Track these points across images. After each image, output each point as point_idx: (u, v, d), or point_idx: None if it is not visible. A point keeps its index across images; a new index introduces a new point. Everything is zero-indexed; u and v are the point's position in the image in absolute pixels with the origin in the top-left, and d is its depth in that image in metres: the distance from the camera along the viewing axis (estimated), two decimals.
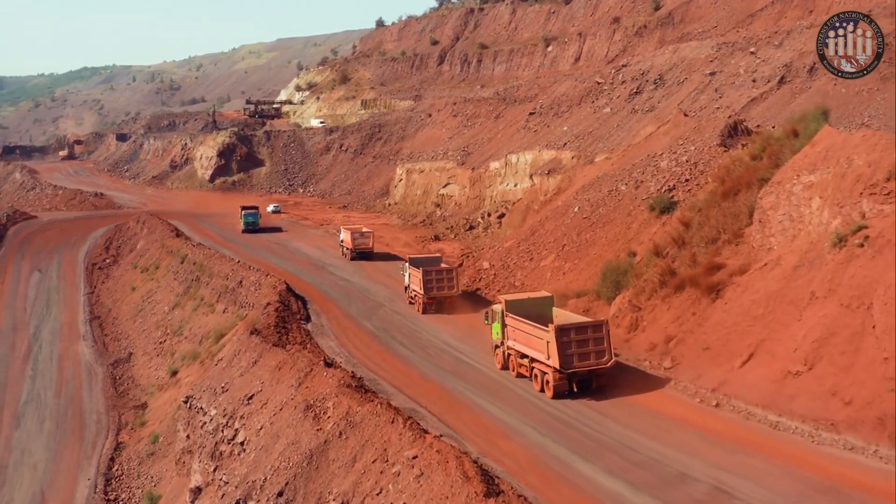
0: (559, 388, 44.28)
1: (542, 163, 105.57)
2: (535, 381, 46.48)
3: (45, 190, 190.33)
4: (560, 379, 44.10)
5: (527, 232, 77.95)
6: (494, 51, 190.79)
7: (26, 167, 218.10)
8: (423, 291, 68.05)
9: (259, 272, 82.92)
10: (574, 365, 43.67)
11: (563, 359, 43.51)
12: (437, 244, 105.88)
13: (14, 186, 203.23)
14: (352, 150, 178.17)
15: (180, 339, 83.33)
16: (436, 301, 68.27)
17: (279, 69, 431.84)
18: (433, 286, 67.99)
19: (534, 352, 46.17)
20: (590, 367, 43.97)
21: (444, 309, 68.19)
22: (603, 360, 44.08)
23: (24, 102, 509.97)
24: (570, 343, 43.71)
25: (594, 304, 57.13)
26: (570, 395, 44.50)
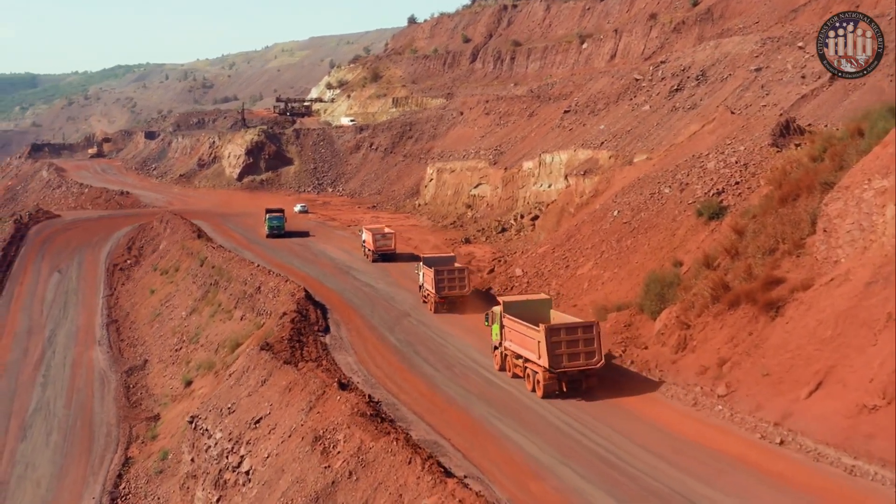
0: (549, 388, 44.80)
1: (577, 163, 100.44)
2: (528, 380, 46.90)
3: (71, 188, 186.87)
4: (550, 378, 44.61)
5: (562, 237, 72.87)
6: (528, 48, 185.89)
7: (53, 165, 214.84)
8: (435, 291, 67.84)
9: (279, 277, 78.39)
10: (563, 365, 44.19)
11: (551, 358, 44.01)
12: (467, 247, 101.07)
13: (40, 184, 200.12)
14: (382, 148, 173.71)
15: (196, 347, 79.06)
16: (447, 301, 67.99)
17: (312, 67, 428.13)
18: (444, 286, 67.78)
19: (527, 352, 46.54)
20: (579, 367, 44.38)
21: (456, 308, 67.66)
22: (593, 360, 44.46)
23: (58, 100, 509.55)
24: (560, 343, 44.21)
25: (636, 319, 52.06)
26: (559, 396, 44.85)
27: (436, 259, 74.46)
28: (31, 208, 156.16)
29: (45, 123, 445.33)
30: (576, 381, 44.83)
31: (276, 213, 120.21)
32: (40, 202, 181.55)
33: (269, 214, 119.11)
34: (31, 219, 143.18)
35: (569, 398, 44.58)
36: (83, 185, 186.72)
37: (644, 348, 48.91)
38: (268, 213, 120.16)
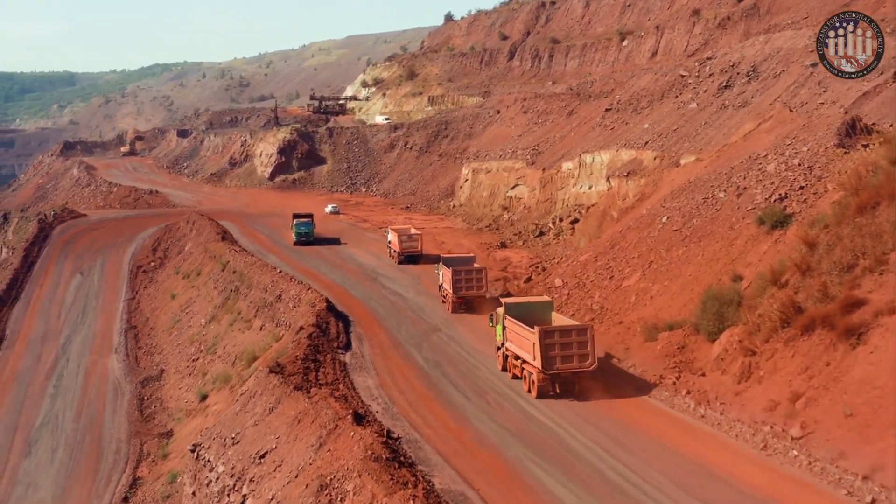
0: (543, 389, 45.09)
1: (620, 163, 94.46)
2: (525, 381, 47.10)
3: (100, 187, 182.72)
4: (543, 379, 44.84)
5: (605, 244, 66.89)
6: (566, 45, 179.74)
7: (84, 163, 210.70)
8: (453, 291, 67.47)
9: (300, 285, 73.09)
10: (556, 367, 44.43)
11: (545, 360, 44.19)
12: (503, 252, 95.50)
13: (70, 183, 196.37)
14: (417, 147, 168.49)
15: (213, 358, 74.14)
16: (465, 301, 67.36)
17: (349, 66, 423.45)
18: (462, 286, 67.31)
19: (524, 353, 46.70)
20: (572, 369, 44.63)
21: (474, 309, 66.21)
22: (586, 363, 44.61)
23: (96, 98, 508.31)
24: (554, 345, 44.34)
25: (691, 340, 46.18)
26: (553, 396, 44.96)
27: (455, 259, 73.91)
28: (57, 207, 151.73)
29: (82, 121, 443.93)
30: (569, 382, 45.15)
31: (303, 218, 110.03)
32: (69, 201, 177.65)
33: (297, 220, 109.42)
34: (55, 218, 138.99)
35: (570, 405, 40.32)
36: (112, 184, 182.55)
37: (701, 375, 43.03)
38: (295, 218, 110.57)
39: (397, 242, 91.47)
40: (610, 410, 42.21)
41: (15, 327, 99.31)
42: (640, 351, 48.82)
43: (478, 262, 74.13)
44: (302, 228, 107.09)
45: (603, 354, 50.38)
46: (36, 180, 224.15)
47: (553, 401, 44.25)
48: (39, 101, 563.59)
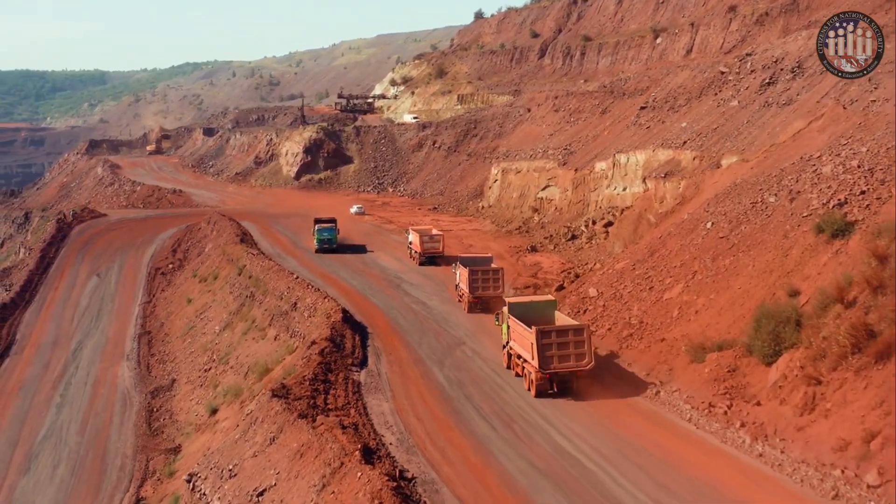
0: (541, 387, 45.44)
1: (656, 164, 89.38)
2: (525, 379, 47.50)
3: (123, 186, 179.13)
4: (541, 378, 45.16)
5: (644, 251, 61.79)
6: (599, 43, 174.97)
7: (108, 162, 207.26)
8: (469, 290, 67.10)
9: (317, 293, 68.51)
10: (553, 366, 44.85)
11: (542, 359, 44.72)
12: (533, 256, 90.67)
13: (94, 182, 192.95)
14: (445, 147, 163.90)
15: (225, 369, 69.66)
16: (481, 301, 66.79)
17: (379, 65, 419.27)
18: (479, 286, 67.05)
19: (524, 352, 47.07)
20: (569, 368, 45.02)
21: (490, 309, 64.09)
22: (583, 362, 45.02)
23: (126, 97, 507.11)
24: (551, 345, 44.80)
25: (743, 363, 41.08)
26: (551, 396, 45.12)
27: (472, 259, 73.83)
28: (77, 207, 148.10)
29: (112, 120, 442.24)
30: (566, 381, 45.54)
31: (326, 223, 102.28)
32: (91, 200, 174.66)
33: (319, 226, 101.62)
34: (75, 218, 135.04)
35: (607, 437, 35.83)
36: (135, 183, 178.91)
37: (756, 404, 37.98)
38: (317, 223, 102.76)
39: (418, 243, 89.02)
40: (655, 446, 37.29)
41: (26, 331, 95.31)
42: (685, 373, 43.79)
43: (495, 263, 73.51)
44: (324, 235, 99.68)
45: (644, 375, 45.58)
46: (60, 179, 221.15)
47: (587, 432, 39.52)
48: (70, 99, 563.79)
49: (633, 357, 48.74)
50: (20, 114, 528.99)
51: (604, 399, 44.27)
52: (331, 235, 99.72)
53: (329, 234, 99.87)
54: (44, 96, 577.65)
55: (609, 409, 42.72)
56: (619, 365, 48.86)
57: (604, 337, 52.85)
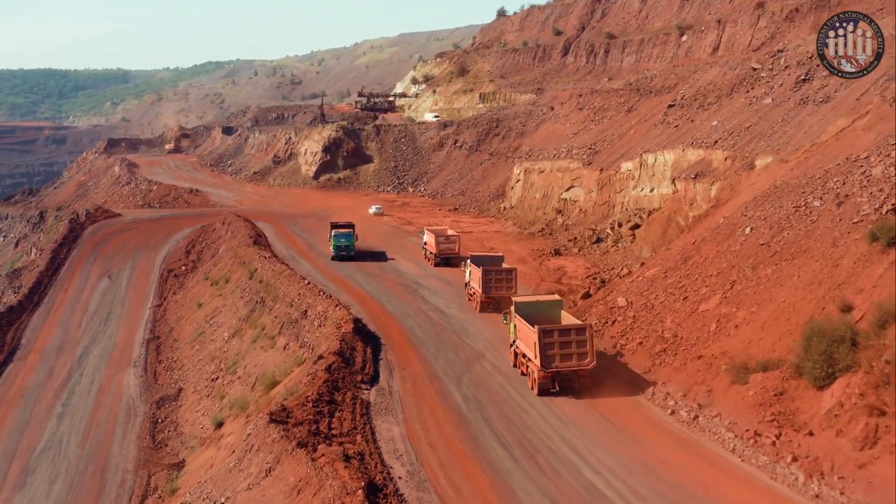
0: (543, 386, 45.38)
1: (686, 164, 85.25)
2: (529, 378, 47.43)
3: (140, 185, 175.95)
4: (543, 377, 45.07)
5: (676, 257, 57.52)
6: (623, 41, 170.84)
7: (126, 160, 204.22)
8: (482, 290, 66.09)
9: (328, 300, 64.54)
10: (555, 365, 44.81)
11: (544, 358, 44.71)
12: (556, 260, 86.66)
13: (111, 180, 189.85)
14: (467, 146, 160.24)
15: (233, 379, 65.83)
16: (494, 301, 65.59)
17: (401, 64, 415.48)
18: (492, 286, 66.22)
19: (528, 351, 47.03)
20: (571, 367, 44.91)
21: (501, 308, 61.17)
22: (585, 361, 44.94)
23: (148, 95, 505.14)
24: (553, 344, 44.78)
25: (791, 386, 36.82)
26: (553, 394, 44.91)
27: (484, 258, 72.94)
28: (91, 206, 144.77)
29: (134, 119, 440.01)
30: (568, 380, 45.34)
31: (343, 229, 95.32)
32: (108, 199, 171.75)
33: (336, 231, 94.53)
34: (88, 218, 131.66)
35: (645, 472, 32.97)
36: (152, 182, 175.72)
37: (808, 434, 33.76)
38: (333, 229, 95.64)
39: (434, 244, 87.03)
40: (696, 484, 33.16)
41: (32, 336, 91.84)
42: (726, 396, 39.47)
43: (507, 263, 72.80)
44: (341, 241, 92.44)
45: (681, 396, 41.44)
46: (78, 178, 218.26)
47: (620, 465, 35.38)
48: (93, 98, 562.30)
49: (667, 375, 44.54)
50: (43, 112, 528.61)
51: (637, 425, 40.15)
52: (348, 242, 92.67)
53: (347, 240, 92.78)
54: (66, 95, 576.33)
55: (643, 436, 38.56)
56: (652, 384, 44.70)
57: (634, 352, 48.71)
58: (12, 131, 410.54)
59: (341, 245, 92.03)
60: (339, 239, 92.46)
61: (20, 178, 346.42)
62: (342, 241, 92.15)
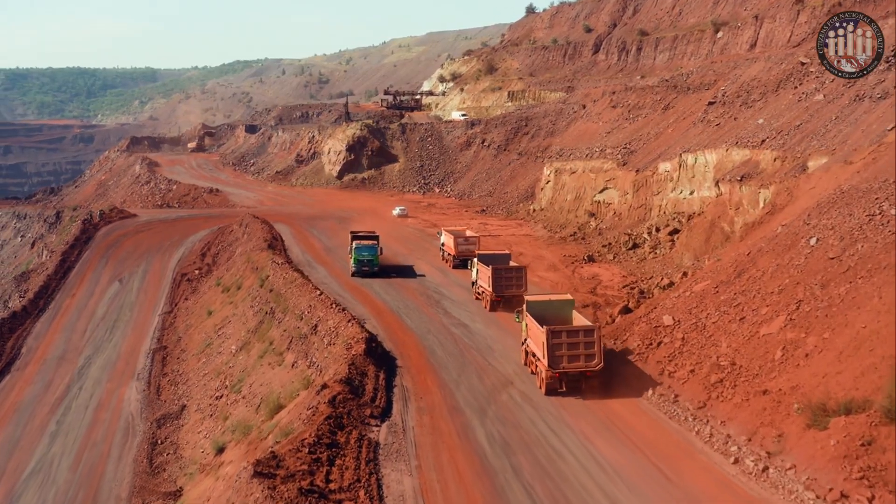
0: (550, 386, 44.72)
1: (731, 165, 78.59)
2: (537, 377, 46.70)
3: (160, 184, 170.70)
4: (551, 377, 44.48)
5: (729, 270, 50.76)
6: (656, 38, 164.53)
7: (147, 159, 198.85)
8: (493, 289, 64.74)
9: (340, 314, 58.20)
10: (563, 365, 44.20)
11: (551, 358, 44.14)
12: (590, 267, 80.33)
13: (131, 180, 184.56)
14: (495, 145, 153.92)
15: (237, 399, 59.82)
16: (503, 299, 64.44)
17: (429, 62, 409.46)
18: (502, 284, 64.86)
19: (537, 350, 46.41)
20: (579, 368, 44.28)
21: (512, 307, 60.60)
22: (592, 363, 44.29)
23: (176, 94, 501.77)
24: (561, 345, 44.21)
25: (882, 434, 30.10)
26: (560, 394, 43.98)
27: (492, 256, 71.10)
28: (107, 206, 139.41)
29: (161, 117, 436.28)
30: (575, 381, 44.69)
31: (365, 240, 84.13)
32: (127, 198, 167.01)
33: (357, 243, 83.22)
34: (102, 218, 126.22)
35: None
36: (171, 182, 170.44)
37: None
38: (354, 240, 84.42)
39: (452, 245, 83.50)
40: None
41: (33, 344, 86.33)
42: (801, 443, 32.61)
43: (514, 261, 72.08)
44: (363, 255, 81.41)
45: (745, 440, 34.92)
46: (99, 176, 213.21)
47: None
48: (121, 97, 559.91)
49: (726, 412, 37.85)
50: (71, 111, 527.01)
51: (694, 476, 33.58)
52: (372, 255, 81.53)
53: (370, 253, 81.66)
54: (95, 94, 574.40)
55: (703, 491, 32.10)
56: (709, 423, 38.04)
57: (686, 381, 42.04)
58: (39, 129, 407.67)
59: (363, 259, 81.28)
60: (361, 252, 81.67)
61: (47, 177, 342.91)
62: (364, 255, 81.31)
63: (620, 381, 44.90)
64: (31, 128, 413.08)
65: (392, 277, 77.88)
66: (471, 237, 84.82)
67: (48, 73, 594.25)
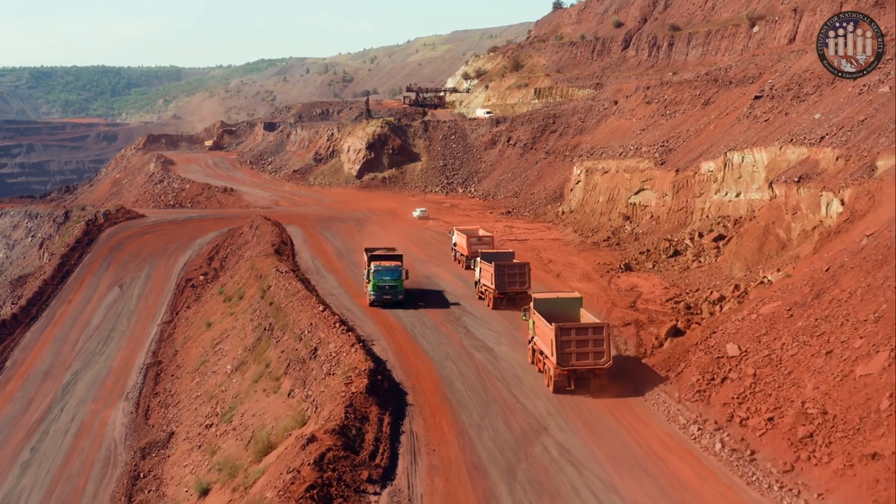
0: (559, 384, 43.50)
1: (785, 165, 69.68)
2: (545, 375, 45.37)
3: (172, 183, 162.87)
4: (559, 375, 43.32)
5: (804, 289, 41.92)
6: (688, 33, 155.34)
7: (162, 157, 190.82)
8: (495, 287, 62.79)
9: (343, 336, 49.64)
10: (572, 363, 43.05)
11: (560, 356, 42.97)
12: (628, 277, 71.84)
13: (144, 178, 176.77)
14: (521, 144, 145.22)
15: (227, 430, 51.73)
16: (506, 297, 62.69)
17: (453, 61, 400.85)
18: (505, 281, 62.96)
19: (545, 348, 45.23)
20: (587, 366, 43.14)
21: (516, 305, 59.49)
22: (601, 360, 43.21)
23: (200, 93, 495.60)
24: (570, 342, 43.11)
25: None
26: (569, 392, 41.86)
27: (495, 254, 68.95)
28: (113, 206, 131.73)
29: (185, 116, 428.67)
30: (584, 378, 43.35)
31: (386, 260, 66.84)
32: (139, 198, 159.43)
33: (375, 265, 65.65)
34: (107, 219, 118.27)
35: None
36: (184, 181, 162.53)
37: None
38: (371, 260, 66.75)
39: (465, 245, 79.47)
40: None
41: (20, 357, 78.54)
42: None
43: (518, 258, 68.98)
44: (385, 279, 64.56)
45: None
46: (114, 175, 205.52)
47: None
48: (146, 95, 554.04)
49: (825, 481, 29.02)
50: (96, 109, 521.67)
51: None
52: (395, 281, 64.68)
53: (392, 278, 64.77)
54: (119, 92, 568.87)
55: None
56: (802, 496, 29.21)
57: (764, 433, 33.24)
58: (62, 128, 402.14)
59: (384, 286, 64.55)
60: (382, 277, 64.80)
61: (70, 175, 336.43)
62: (386, 281, 64.67)
63: (681, 428, 36.32)
64: (55, 126, 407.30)
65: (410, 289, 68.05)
66: (484, 236, 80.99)
67: (73, 72, 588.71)
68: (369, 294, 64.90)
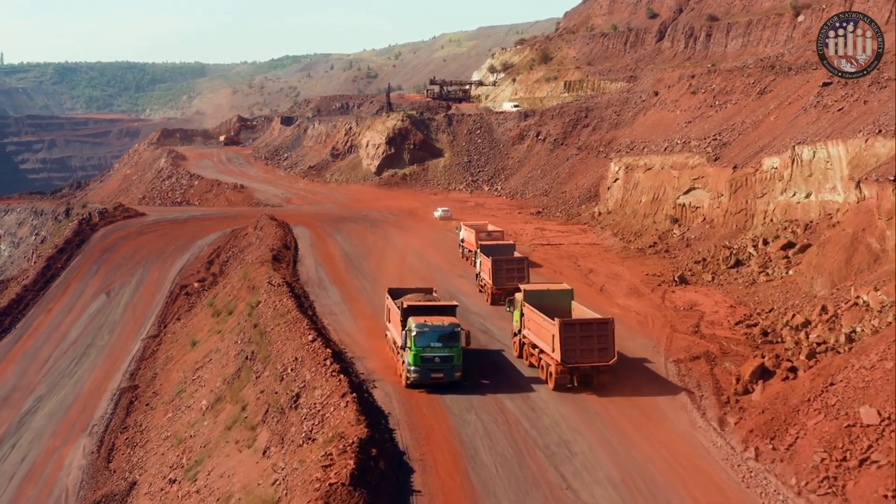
0: (560, 381, 41.14)
1: (874, 161, 57.36)
2: (542, 371, 43.10)
3: (181, 180, 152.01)
4: (562, 372, 40.98)
5: None
6: (727, 23, 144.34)
7: (173, 152, 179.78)
8: (493, 282, 59.88)
9: (334, 379, 37.38)
10: (576, 360, 40.93)
11: (565, 353, 40.68)
12: (684, 292, 60.23)
13: (153, 174, 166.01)
14: (551, 139, 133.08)
15: (189, 492, 39.84)
16: (505, 292, 55.98)
17: (479, 57, 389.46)
18: (503, 276, 59.74)
19: (542, 343, 42.84)
20: (592, 363, 41.01)
21: None
22: (606, 357, 41.06)
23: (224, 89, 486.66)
24: (575, 338, 40.94)
25: None
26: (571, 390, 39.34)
27: (494, 247, 66.11)
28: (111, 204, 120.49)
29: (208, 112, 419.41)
30: (587, 376, 40.99)
31: (432, 314, 43.22)
32: (147, 194, 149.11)
33: (415, 321, 41.32)
34: (102, 218, 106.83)
35: None
36: (193, 177, 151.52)
37: None
38: (408, 314, 42.77)
39: (474, 241, 73.28)
40: None
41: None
42: None
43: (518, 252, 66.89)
44: (434, 349, 40.71)
45: None
46: (124, 171, 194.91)
47: None
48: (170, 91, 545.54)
49: None
50: (119, 105, 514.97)
51: None
52: (450, 351, 40.95)
53: (448, 347, 41.00)
54: (143, 88, 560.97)
55: None
56: None
57: None
58: (85, 123, 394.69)
59: (432, 357, 40.63)
60: (428, 343, 40.77)
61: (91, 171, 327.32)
62: (436, 351, 40.80)
63: None
64: (77, 121, 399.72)
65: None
66: (494, 232, 76.52)
67: (97, 68, 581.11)
68: (407, 369, 40.81)
